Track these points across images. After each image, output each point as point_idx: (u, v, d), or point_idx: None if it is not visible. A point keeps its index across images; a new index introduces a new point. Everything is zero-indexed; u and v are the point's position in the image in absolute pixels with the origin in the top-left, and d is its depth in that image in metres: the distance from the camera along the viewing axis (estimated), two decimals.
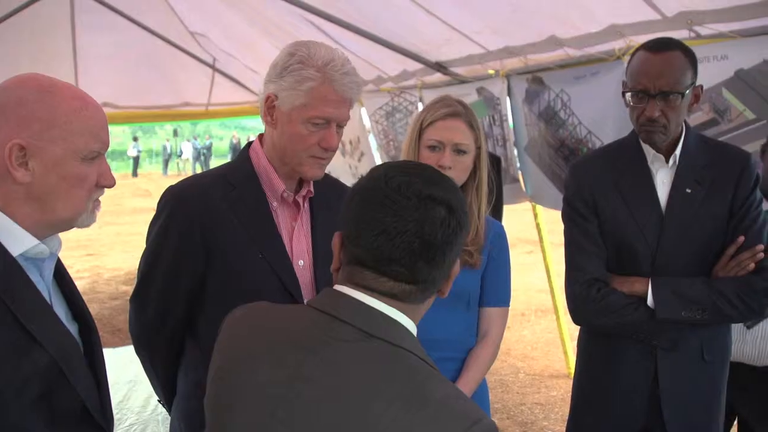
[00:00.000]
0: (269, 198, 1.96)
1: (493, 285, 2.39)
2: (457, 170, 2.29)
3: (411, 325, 1.25)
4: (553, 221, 2.48)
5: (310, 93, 1.83)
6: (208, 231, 1.87)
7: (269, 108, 1.90)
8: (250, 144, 2.04)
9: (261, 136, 2.01)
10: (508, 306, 2.43)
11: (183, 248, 1.89)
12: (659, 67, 2.16)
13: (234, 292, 1.82)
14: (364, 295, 1.23)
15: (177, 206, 1.91)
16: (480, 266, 2.35)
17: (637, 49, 2.25)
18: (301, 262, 1.97)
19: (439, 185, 1.22)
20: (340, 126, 1.90)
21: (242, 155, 2.01)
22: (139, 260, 2.02)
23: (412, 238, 1.18)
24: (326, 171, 2.04)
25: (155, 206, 1.99)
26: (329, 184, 2.10)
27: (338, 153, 7.02)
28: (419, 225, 1.18)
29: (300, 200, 2.01)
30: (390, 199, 1.19)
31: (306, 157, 1.89)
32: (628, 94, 2.23)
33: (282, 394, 1.17)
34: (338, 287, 1.26)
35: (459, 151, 2.29)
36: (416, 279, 1.21)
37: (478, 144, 2.33)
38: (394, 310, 1.23)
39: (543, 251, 5.65)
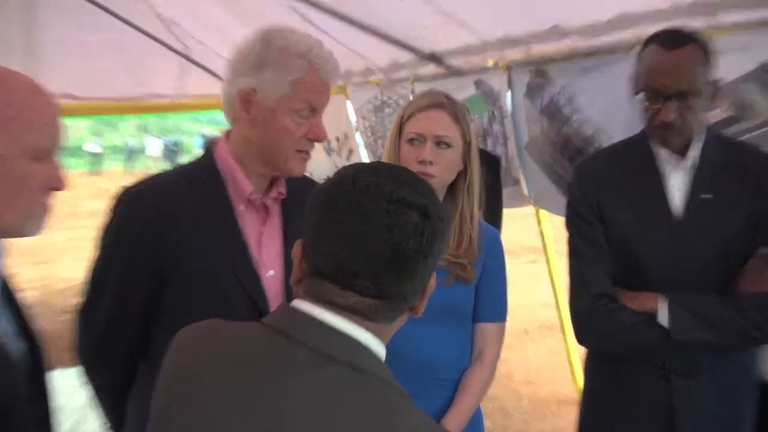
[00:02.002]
0: (234, 201, 1.96)
1: (488, 298, 2.39)
2: (441, 166, 2.29)
3: (378, 346, 1.22)
4: (558, 227, 2.49)
5: (296, 83, 1.86)
6: (165, 237, 1.86)
7: (244, 104, 1.91)
8: (213, 141, 2.04)
9: (227, 134, 2.02)
10: (505, 321, 2.44)
11: (137, 256, 1.88)
12: (674, 66, 2.15)
13: (194, 306, 1.80)
14: (325, 311, 1.20)
15: (131, 209, 1.90)
16: (474, 280, 2.35)
17: (648, 42, 2.24)
18: (271, 272, 1.97)
19: (413, 188, 1.20)
20: (320, 115, 1.94)
21: (206, 154, 2.02)
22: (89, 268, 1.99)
23: (380, 246, 1.15)
24: (309, 173, 2.06)
25: None
26: (305, 183, 2.10)
27: (323, 152, 7.02)
28: (388, 232, 1.15)
29: (269, 203, 2.01)
30: (357, 202, 1.17)
31: (293, 152, 1.92)
32: (641, 95, 2.23)
33: (232, 423, 1.15)
34: (296, 302, 1.23)
35: (442, 143, 2.30)
36: (384, 293, 1.19)
37: (467, 139, 2.35)
38: (359, 328, 1.20)
39: (548, 261, 5.64)
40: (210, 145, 2.04)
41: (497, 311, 2.41)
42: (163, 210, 1.88)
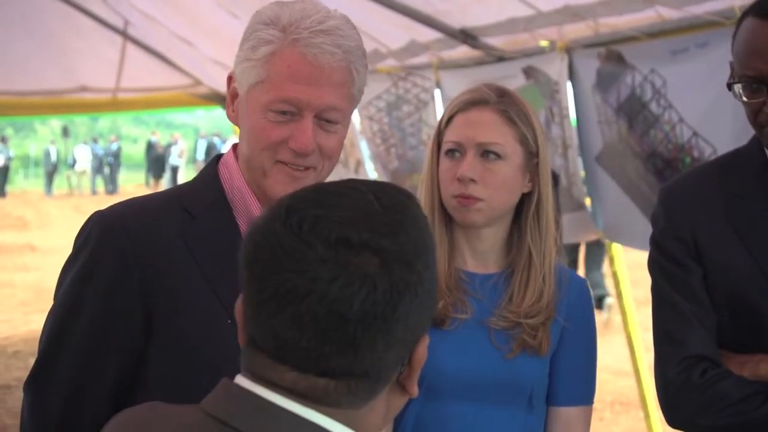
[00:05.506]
0: None
1: (571, 373, 2.38)
2: (490, 186, 2.25)
3: None
4: (638, 266, 2.47)
5: (267, 63, 1.83)
6: (152, 282, 1.86)
7: (232, 96, 1.93)
8: (219, 157, 2.05)
9: (236, 147, 2.02)
10: (592, 403, 2.44)
11: (113, 305, 1.87)
12: None
13: (187, 372, 1.84)
14: (268, 390, 1.19)
15: (107, 242, 1.88)
16: (548, 351, 2.33)
17: (743, 15, 2.23)
18: None
19: (368, 219, 1.17)
20: (326, 119, 1.88)
21: (208, 172, 2.02)
22: (43, 323, 1.96)
23: (315, 307, 1.13)
24: None
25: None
26: None
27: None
28: (325, 288, 1.13)
29: None
30: (286, 248, 1.15)
31: (270, 162, 1.88)
32: (738, 86, 2.24)
33: None
34: (239, 378, 1.23)
35: (489, 153, 2.26)
36: (331, 371, 1.17)
37: (530, 147, 2.31)
38: (316, 413, 1.18)
39: (623, 313, 5.64)
40: (214, 161, 2.04)
41: (582, 391, 2.41)
42: (152, 244, 1.88)
